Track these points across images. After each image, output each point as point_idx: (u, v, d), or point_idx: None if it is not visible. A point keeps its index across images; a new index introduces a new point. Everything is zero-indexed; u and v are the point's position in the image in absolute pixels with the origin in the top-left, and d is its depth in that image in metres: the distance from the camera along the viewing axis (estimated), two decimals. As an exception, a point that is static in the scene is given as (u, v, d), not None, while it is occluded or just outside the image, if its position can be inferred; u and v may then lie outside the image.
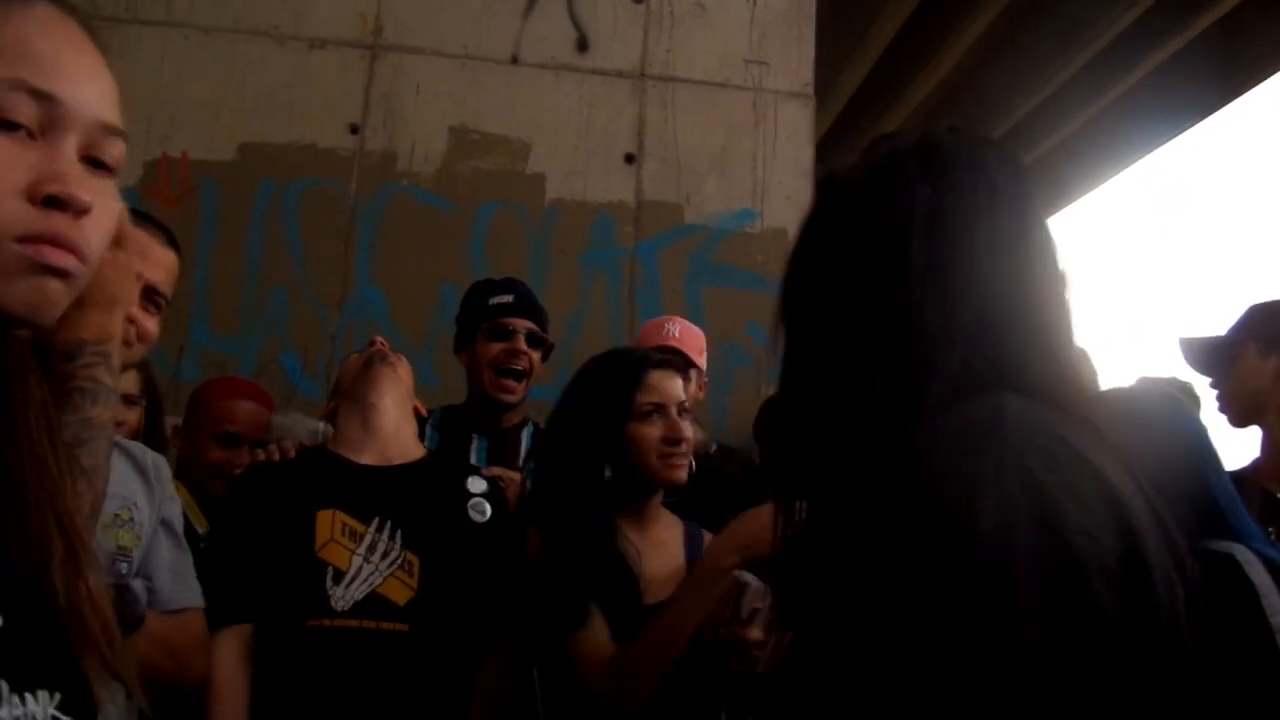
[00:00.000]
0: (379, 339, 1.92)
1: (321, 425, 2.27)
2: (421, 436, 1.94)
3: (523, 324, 2.11)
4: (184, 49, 2.87)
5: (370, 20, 2.99)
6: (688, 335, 2.33)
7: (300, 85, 2.92)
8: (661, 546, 1.66)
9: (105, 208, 0.61)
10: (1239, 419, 1.97)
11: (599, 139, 3.03)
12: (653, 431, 1.62)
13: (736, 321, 2.95)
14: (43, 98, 0.56)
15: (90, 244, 0.59)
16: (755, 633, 1.38)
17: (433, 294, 2.83)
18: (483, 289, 2.21)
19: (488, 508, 1.74)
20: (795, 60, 3.19)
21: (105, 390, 0.95)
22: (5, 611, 0.54)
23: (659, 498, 1.70)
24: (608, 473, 1.61)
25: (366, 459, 1.72)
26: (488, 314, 2.12)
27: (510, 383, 2.08)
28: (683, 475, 1.64)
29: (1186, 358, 2.04)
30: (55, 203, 0.56)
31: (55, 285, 0.57)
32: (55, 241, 0.56)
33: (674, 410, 1.64)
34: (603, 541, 1.57)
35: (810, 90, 3.18)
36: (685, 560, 1.66)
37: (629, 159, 3.03)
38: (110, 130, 0.61)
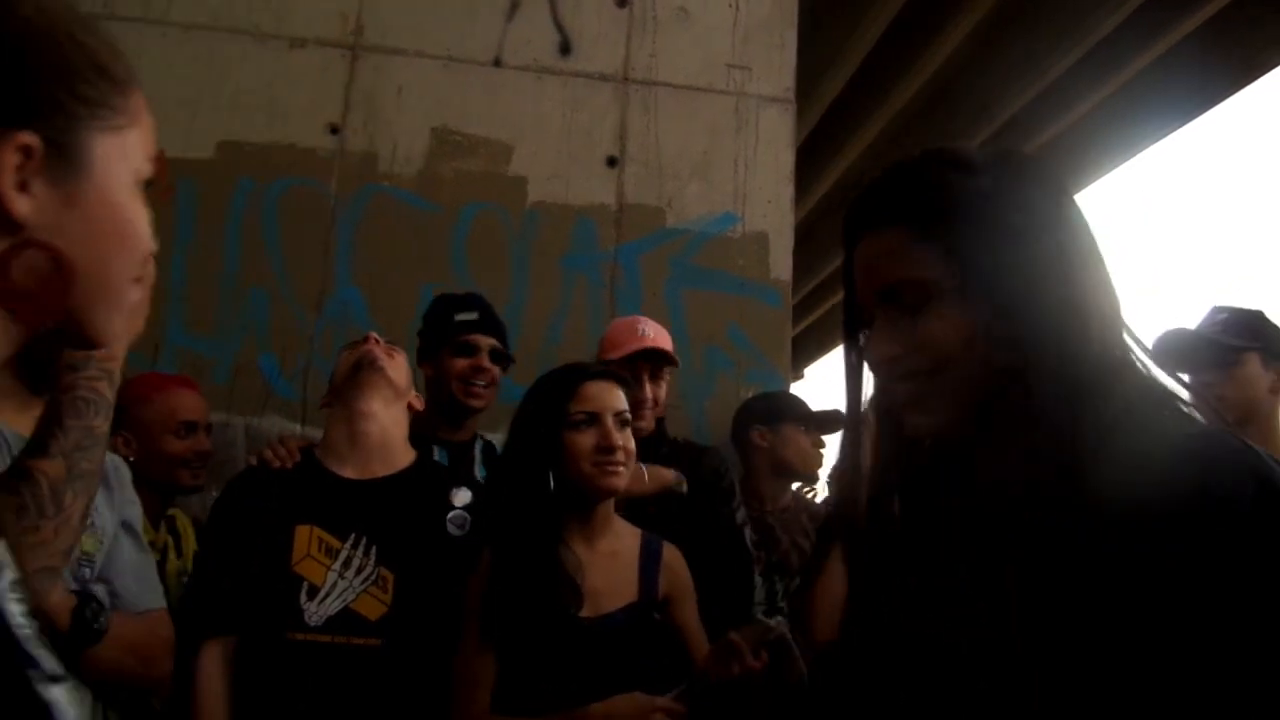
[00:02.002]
0: (372, 335, 1.90)
1: (299, 430, 2.25)
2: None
3: (486, 341, 2.20)
4: (161, 47, 2.83)
5: (351, 20, 2.97)
6: (660, 334, 2.34)
7: (280, 84, 2.90)
8: (612, 558, 1.67)
9: None
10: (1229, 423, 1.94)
11: (581, 142, 3.03)
12: (585, 440, 1.63)
13: (718, 325, 2.96)
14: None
15: None
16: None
17: (413, 295, 2.81)
18: (447, 304, 2.29)
19: (468, 520, 1.74)
20: (777, 65, 3.19)
21: (106, 403, 1.05)
22: None
23: (607, 508, 1.70)
24: (552, 482, 1.62)
25: (349, 472, 1.73)
26: (454, 330, 2.20)
27: (479, 389, 2.18)
28: (618, 483, 1.65)
29: (1176, 352, 1.95)
30: None
31: None
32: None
33: (609, 420, 1.65)
34: (541, 553, 1.58)
35: (792, 95, 3.18)
36: (638, 571, 1.67)
37: (611, 162, 3.03)
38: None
